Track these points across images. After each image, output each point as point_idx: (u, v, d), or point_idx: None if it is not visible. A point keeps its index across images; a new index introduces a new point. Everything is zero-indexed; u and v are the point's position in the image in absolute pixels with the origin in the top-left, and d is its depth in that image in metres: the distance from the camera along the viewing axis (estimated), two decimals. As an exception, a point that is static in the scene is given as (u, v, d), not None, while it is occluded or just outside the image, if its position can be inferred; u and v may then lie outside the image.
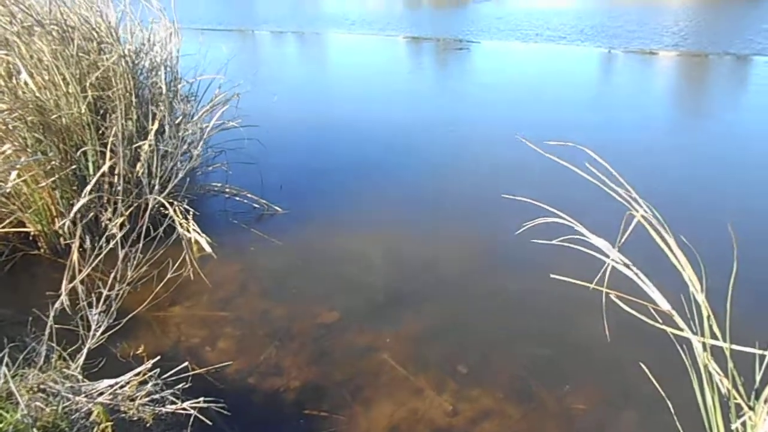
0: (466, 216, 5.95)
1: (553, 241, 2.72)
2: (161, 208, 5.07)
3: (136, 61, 5.55)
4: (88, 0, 5.39)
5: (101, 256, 3.14)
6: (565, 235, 2.93)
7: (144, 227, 3.97)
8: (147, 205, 4.44)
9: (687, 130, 9.45)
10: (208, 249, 5.24)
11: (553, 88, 12.87)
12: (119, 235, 3.21)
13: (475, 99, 12.10)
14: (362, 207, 6.31)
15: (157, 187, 4.70)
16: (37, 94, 4.59)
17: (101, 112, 5.07)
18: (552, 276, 2.76)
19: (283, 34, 29.29)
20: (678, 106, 11.83)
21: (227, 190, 6.26)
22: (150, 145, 4.79)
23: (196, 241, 5.30)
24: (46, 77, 4.65)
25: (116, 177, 4.72)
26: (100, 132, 4.94)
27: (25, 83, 4.57)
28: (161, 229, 4.42)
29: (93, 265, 3.08)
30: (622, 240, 2.70)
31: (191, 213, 5.29)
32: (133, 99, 5.03)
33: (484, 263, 5.03)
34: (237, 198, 6.21)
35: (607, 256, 2.59)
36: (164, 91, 5.29)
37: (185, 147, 5.14)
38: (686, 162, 7.50)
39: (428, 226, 5.77)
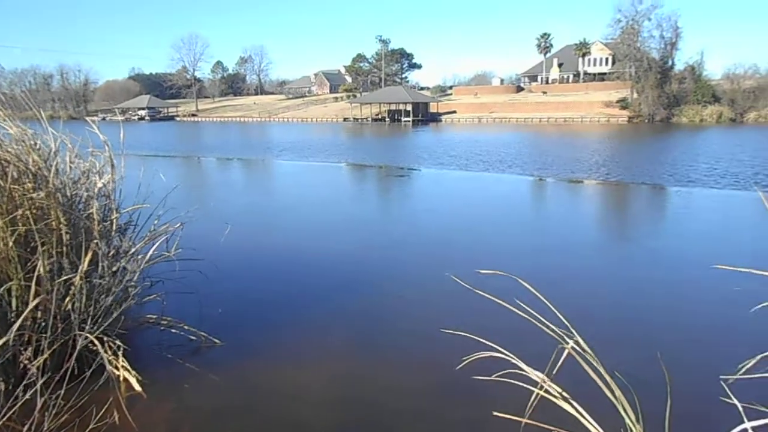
0: (408, 350, 5.86)
1: (492, 377, 2.73)
2: (89, 344, 4.78)
3: (73, 192, 5.50)
4: (26, 134, 5.41)
5: (15, 407, 2.87)
6: (503, 366, 2.96)
7: (70, 368, 3.70)
8: (74, 342, 4.17)
9: (613, 255, 9.99)
10: (138, 388, 4.89)
11: (487, 213, 13.51)
12: (39, 382, 2.96)
13: (415, 224, 12.49)
14: (305, 338, 6.14)
15: (87, 324, 4.45)
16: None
17: (32, 244, 4.90)
18: (495, 413, 2.74)
19: (229, 160, 30.06)
20: (603, 231, 12.58)
21: (163, 322, 5.99)
22: (81, 279, 4.61)
23: (125, 380, 4.96)
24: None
25: (41, 313, 4.46)
26: (28, 266, 4.75)
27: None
28: (89, 372, 4.12)
29: (6, 417, 2.81)
30: (554, 371, 2.76)
31: (121, 349, 5.00)
32: (64, 231, 4.91)
33: (429, 399, 4.89)
34: (173, 330, 5.94)
35: (546, 391, 2.62)
36: (97, 223, 5.19)
37: (120, 282, 4.96)
38: (613, 287, 7.85)
39: (371, 360, 5.65)
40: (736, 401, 2.41)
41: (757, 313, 2.46)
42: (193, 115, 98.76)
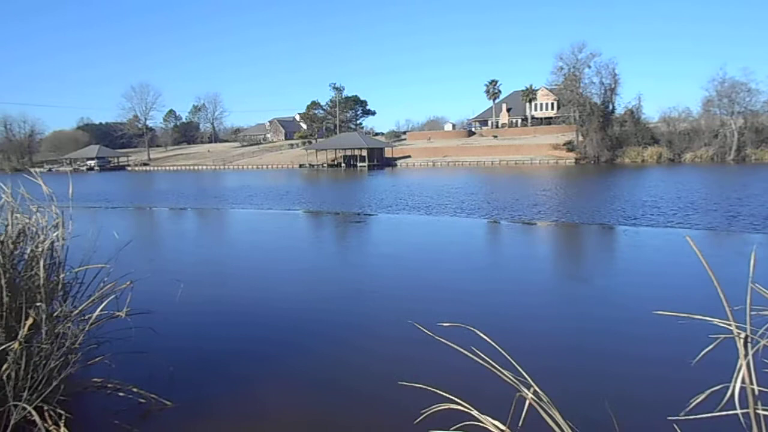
0: (366, 404, 5.73)
1: (451, 430, 2.70)
2: (27, 415, 4.47)
3: (14, 252, 5.25)
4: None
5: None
6: (462, 418, 2.93)
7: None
8: (8, 414, 3.89)
9: (566, 297, 10.13)
10: (80, 460, 4.59)
11: (445, 258, 13.61)
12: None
13: (373, 272, 12.42)
14: (261, 394, 5.93)
15: (24, 392, 4.17)
16: None
17: (-34, 309, 4.62)
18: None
19: (182, 210, 29.41)
20: (557, 273, 12.79)
21: (109, 385, 5.68)
22: (20, 346, 4.34)
23: (67, 452, 4.63)
24: None
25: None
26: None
27: None
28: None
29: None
30: (520, 423, 2.75)
31: (63, 418, 4.69)
32: (5, 294, 4.65)
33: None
34: (120, 393, 5.63)
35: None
36: (41, 284, 4.94)
37: (62, 347, 4.70)
38: (566, 330, 7.91)
39: (331, 417, 5.49)
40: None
41: (702, 349, 2.53)
42: (145, 164, 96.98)
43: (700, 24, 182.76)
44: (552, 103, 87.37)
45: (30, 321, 4.51)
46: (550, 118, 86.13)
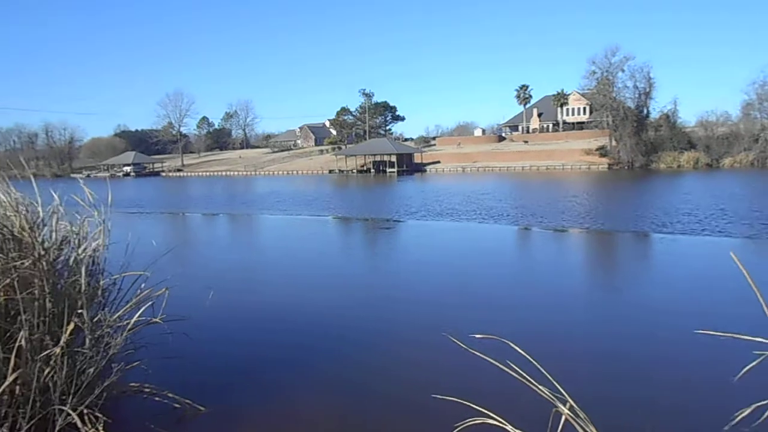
0: (399, 412, 5.69)
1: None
2: (67, 417, 4.59)
3: (59, 258, 5.42)
4: (13, 199, 5.37)
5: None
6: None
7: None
8: (54, 417, 4.00)
9: (600, 306, 9.91)
10: (117, 463, 4.69)
11: (476, 265, 13.50)
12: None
13: (403, 278, 12.42)
14: (294, 401, 5.97)
15: (68, 397, 4.29)
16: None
17: (12, 313, 4.78)
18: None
19: (215, 216, 29.93)
20: (590, 281, 12.53)
21: (146, 389, 5.79)
22: (62, 350, 4.47)
23: (105, 455, 4.74)
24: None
25: (19, 387, 4.30)
26: (8, 336, 4.61)
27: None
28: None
29: None
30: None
31: (102, 421, 4.81)
32: (48, 300, 4.79)
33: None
34: (156, 398, 5.73)
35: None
36: (83, 290, 5.07)
37: (104, 353, 4.82)
38: (602, 344, 7.70)
39: (363, 422, 5.49)
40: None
41: (744, 366, 2.46)
42: (179, 170, 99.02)
43: (740, 30, 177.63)
44: (584, 108, 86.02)
45: (72, 327, 4.64)
46: (582, 122, 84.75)
